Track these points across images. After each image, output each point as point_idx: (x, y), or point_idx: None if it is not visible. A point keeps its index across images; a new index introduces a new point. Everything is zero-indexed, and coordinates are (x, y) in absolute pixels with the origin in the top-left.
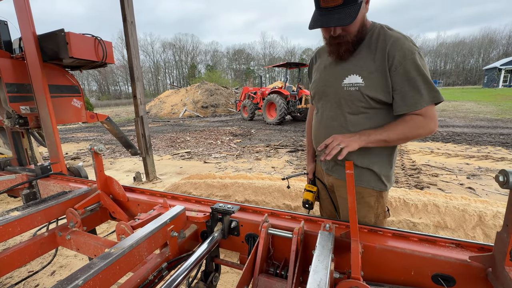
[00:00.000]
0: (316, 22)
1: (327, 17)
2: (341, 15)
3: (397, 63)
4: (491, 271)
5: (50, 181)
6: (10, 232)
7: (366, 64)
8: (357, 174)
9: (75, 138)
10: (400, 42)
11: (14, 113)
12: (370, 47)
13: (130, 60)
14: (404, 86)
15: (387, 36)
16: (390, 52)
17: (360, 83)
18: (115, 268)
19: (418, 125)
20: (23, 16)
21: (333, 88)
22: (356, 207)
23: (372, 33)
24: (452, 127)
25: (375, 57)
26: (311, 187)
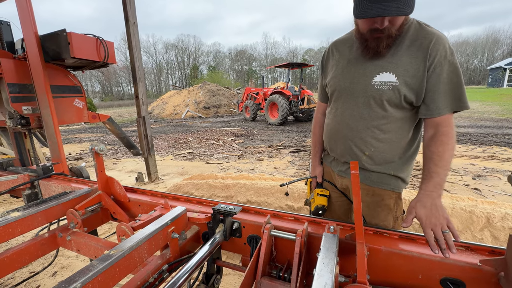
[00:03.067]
0: (368, 10)
1: (384, 5)
2: (399, 3)
3: (437, 63)
4: (503, 275)
5: (51, 181)
6: (10, 233)
7: (402, 62)
8: (378, 177)
9: (78, 139)
10: (443, 41)
11: (16, 113)
12: (407, 43)
13: (132, 60)
14: (440, 87)
15: (429, 33)
16: (433, 51)
17: (394, 82)
18: (115, 271)
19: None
20: (25, 16)
21: (361, 85)
22: (376, 210)
23: (408, 28)
24: (456, 127)
25: (415, 55)
26: (324, 191)
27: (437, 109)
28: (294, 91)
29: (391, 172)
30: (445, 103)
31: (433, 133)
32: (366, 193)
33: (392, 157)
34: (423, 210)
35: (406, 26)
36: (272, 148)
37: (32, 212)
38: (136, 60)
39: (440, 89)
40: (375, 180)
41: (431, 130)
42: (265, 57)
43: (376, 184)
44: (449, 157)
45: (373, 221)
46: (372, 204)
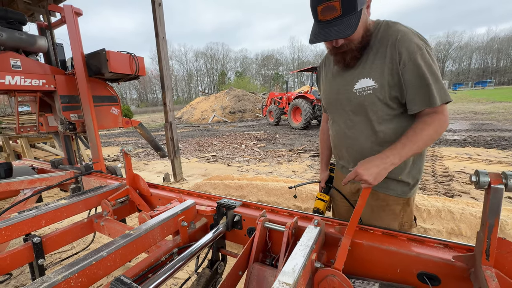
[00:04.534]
0: (317, 36)
1: (327, 30)
2: (341, 27)
3: (406, 59)
4: (473, 271)
5: (91, 177)
6: (59, 216)
7: (375, 65)
8: (384, 182)
9: (117, 142)
10: (408, 37)
11: (65, 120)
12: (377, 47)
13: (161, 71)
14: (415, 83)
15: (394, 31)
16: (399, 47)
17: (373, 85)
18: (133, 247)
19: (441, 124)
20: (74, 39)
21: (345, 95)
22: (380, 215)
23: (377, 32)
24: (499, 131)
25: (384, 55)
26: (323, 196)
27: (416, 105)
28: (318, 95)
29: (398, 177)
30: (423, 98)
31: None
32: (371, 197)
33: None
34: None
35: (374, 32)
36: (292, 152)
37: (75, 200)
38: (165, 71)
39: (415, 84)
40: (381, 184)
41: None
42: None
43: (381, 188)
44: (425, 137)
45: (377, 225)
46: (377, 208)
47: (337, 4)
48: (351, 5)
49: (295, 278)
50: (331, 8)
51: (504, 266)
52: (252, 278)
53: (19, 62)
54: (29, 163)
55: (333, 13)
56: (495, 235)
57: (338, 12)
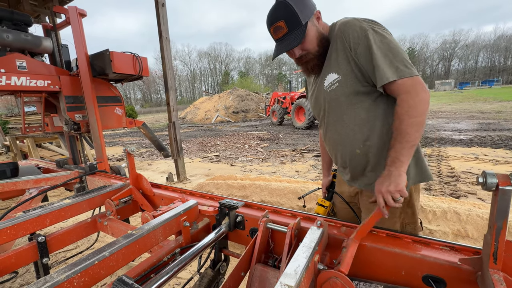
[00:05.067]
0: (275, 52)
1: (280, 46)
2: (290, 41)
3: (355, 44)
4: (480, 274)
5: (95, 177)
6: (63, 215)
7: (333, 59)
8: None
9: (121, 142)
10: (350, 24)
11: (70, 120)
12: (332, 45)
13: (165, 71)
14: (369, 64)
15: (339, 25)
16: (345, 37)
17: (337, 78)
18: (135, 247)
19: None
20: (78, 40)
21: (321, 97)
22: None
23: (332, 34)
24: (507, 130)
25: (337, 48)
26: (323, 202)
27: (381, 81)
28: None
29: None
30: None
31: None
32: (367, 199)
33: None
34: (379, 180)
35: (330, 35)
36: (296, 152)
37: (79, 200)
38: (168, 71)
39: (370, 66)
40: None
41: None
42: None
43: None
44: (406, 128)
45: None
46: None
47: (282, 24)
48: (295, 21)
49: (297, 280)
50: (279, 28)
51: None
52: (254, 279)
53: (24, 63)
54: (35, 163)
55: (281, 31)
56: (503, 237)
57: (285, 30)
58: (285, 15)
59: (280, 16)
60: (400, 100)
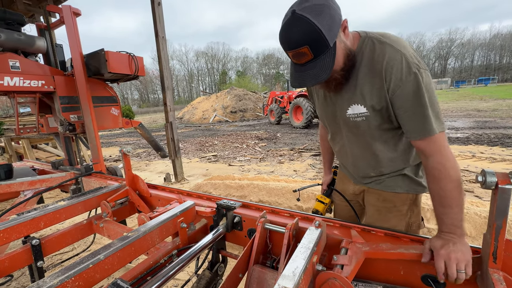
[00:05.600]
0: (295, 80)
1: (303, 75)
2: (316, 70)
3: (395, 86)
4: (479, 274)
5: (91, 178)
6: (58, 218)
7: (365, 91)
8: (390, 180)
9: (118, 143)
10: (396, 60)
11: (65, 121)
12: (364, 71)
13: (161, 71)
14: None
15: (381, 54)
16: (387, 74)
17: (365, 113)
18: (131, 249)
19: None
20: (72, 40)
21: (340, 118)
22: (387, 216)
23: (362, 53)
24: (503, 128)
25: (372, 82)
26: (323, 198)
27: (408, 133)
28: None
29: (403, 172)
30: (414, 127)
31: (425, 162)
32: (377, 198)
33: (403, 163)
34: (440, 241)
35: (360, 52)
36: (294, 151)
37: (74, 202)
38: (165, 71)
39: (405, 113)
40: (388, 184)
41: (422, 157)
42: None
43: (388, 188)
44: (451, 193)
45: (384, 226)
46: (384, 209)
47: (306, 50)
48: (322, 45)
49: (295, 282)
50: (302, 54)
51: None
52: (252, 281)
53: (18, 63)
54: (30, 164)
55: (304, 57)
56: (502, 237)
57: (309, 56)
58: (310, 39)
59: (303, 41)
60: (435, 163)
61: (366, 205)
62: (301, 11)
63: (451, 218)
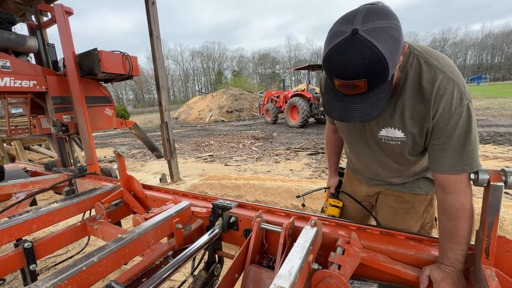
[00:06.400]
0: (333, 110)
1: (348, 107)
2: (366, 106)
3: (441, 116)
4: (472, 270)
5: (85, 179)
6: (50, 220)
7: (406, 117)
8: (412, 182)
9: (113, 143)
10: (448, 87)
11: (58, 121)
12: (409, 94)
13: (156, 71)
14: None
15: (430, 79)
16: (436, 101)
17: (402, 138)
18: (125, 251)
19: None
20: (65, 39)
21: (368, 135)
22: (404, 217)
23: (406, 72)
24: (495, 126)
25: (418, 108)
26: (336, 202)
27: (436, 165)
28: (315, 93)
29: (425, 175)
30: (447, 161)
31: (442, 197)
32: (395, 199)
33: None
34: (440, 273)
35: (404, 72)
36: (290, 150)
37: (67, 204)
38: (160, 70)
39: (442, 145)
40: (409, 185)
41: (439, 190)
42: (288, 60)
43: (408, 189)
44: (462, 232)
45: (399, 227)
46: (401, 210)
47: (361, 84)
48: (381, 78)
49: (291, 282)
50: (353, 86)
51: (504, 264)
52: (248, 281)
53: (8, 63)
54: (22, 166)
55: (355, 90)
56: (494, 233)
57: (362, 89)
58: (371, 72)
59: (363, 73)
60: (456, 202)
61: (381, 206)
62: (367, 34)
63: (457, 254)
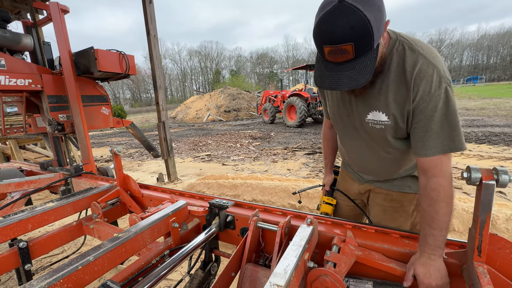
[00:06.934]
0: (324, 79)
1: (337, 75)
2: (354, 73)
3: (421, 99)
4: (465, 267)
5: (81, 179)
6: (46, 219)
7: (389, 99)
8: (399, 180)
9: (110, 143)
10: (427, 71)
11: (54, 120)
12: (392, 78)
13: (153, 70)
14: (422, 125)
15: (412, 62)
16: (415, 84)
17: (385, 121)
18: (121, 250)
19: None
20: (60, 37)
21: (357, 121)
22: (393, 216)
23: (391, 57)
24: (490, 126)
25: (400, 90)
26: (330, 200)
27: (418, 149)
28: (312, 92)
29: (413, 173)
30: (428, 144)
31: (424, 182)
32: (384, 198)
33: (414, 166)
34: (422, 269)
35: (389, 56)
36: (287, 150)
37: (63, 203)
38: (157, 70)
39: (423, 127)
40: (397, 184)
41: (421, 176)
42: (286, 59)
43: (397, 187)
44: (443, 217)
45: (389, 226)
46: (390, 209)
47: (349, 48)
48: (367, 44)
49: (286, 280)
50: (341, 51)
51: (496, 262)
52: (245, 279)
53: (3, 61)
54: (18, 165)
55: (344, 56)
56: (486, 231)
57: (350, 55)
58: (357, 36)
59: (349, 37)
60: (437, 184)
61: (371, 204)
62: (353, 1)
63: (437, 240)
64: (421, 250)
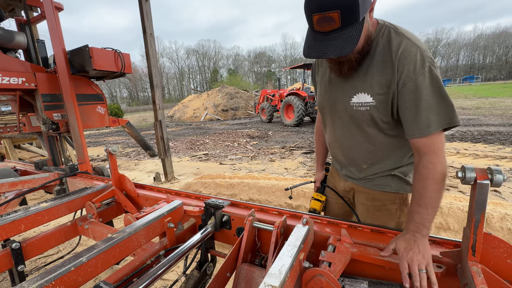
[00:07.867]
0: (311, 49)
1: (324, 44)
2: (340, 42)
3: (406, 78)
4: (460, 266)
5: (76, 179)
6: (39, 220)
7: (374, 80)
8: (380, 179)
9: (106, 142)
10: (410, 52)
11: (48, 119)
12: (377, 60)
13: (150, 68)
14: (411, 106)
15: (395, 44)
16: (399, 65)
17: (370, 103)
18: (116, 251)
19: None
20: (54, 35)
21: (342, 106)
22: (376, 215)
23: (378, 40)
24: (485, 125)
25: (384, 71)
26: (319, 196)
27: (409, 130)
28: (310, 92)
29: (392, 172)
30: (417, 124)
31: (417, 160)
32: (366, 197)
33: (395, 163)
34: (404, 243)
35: (376, 39)
36: (285, 149)
37: (57, 203)
38: (153, 68)
39: (413, 108)
40: (378, 183)
41: (416, 155)
42: (284, 58)
43: (377, 187)
44: (431, 194)
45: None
46: (372, 208)
47: (335, 16)
48: (352, 15)
49: (281, 280)
50: (329, 19)
51: (490, 261)
52: (240, 279)
53: None
54: (12, 165)
55: (331, 24)
56: (481, 230)
57: (336, 24)
58: (343, 5)
59: (336, 4)
60: (427, 162)
61: (356, 203)
62: None
63: (423, 218)
64: (406, 228)
